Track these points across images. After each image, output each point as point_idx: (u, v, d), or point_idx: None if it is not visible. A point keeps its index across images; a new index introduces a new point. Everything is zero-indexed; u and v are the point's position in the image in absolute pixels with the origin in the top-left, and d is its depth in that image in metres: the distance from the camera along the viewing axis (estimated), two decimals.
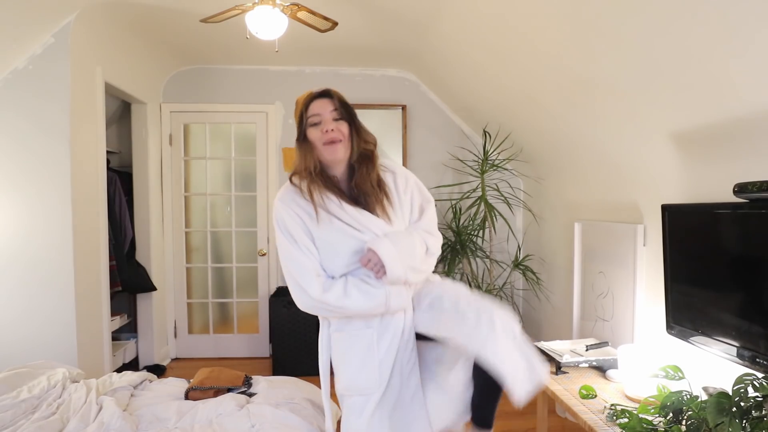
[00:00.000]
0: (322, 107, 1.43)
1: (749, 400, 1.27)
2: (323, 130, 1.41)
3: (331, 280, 1.44)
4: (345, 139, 1.43)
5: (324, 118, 1.42)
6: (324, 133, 1.41)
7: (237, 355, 4.09)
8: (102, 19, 2.82)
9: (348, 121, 1.45)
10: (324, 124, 1.42)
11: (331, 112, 1.43)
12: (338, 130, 1.42)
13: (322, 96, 1.45)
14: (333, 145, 1.42)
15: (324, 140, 1.41)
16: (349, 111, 1.46)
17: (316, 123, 1.43)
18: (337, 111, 1.43)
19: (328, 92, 1.46)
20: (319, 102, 1.44)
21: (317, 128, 1.42)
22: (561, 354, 2.13)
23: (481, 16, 2.57)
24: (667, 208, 1.94)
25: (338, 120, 1.43)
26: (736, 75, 1.57)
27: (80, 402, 2.03)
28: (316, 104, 1.44)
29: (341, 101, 1.45)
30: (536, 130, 3.22)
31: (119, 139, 4.01)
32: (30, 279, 2.66)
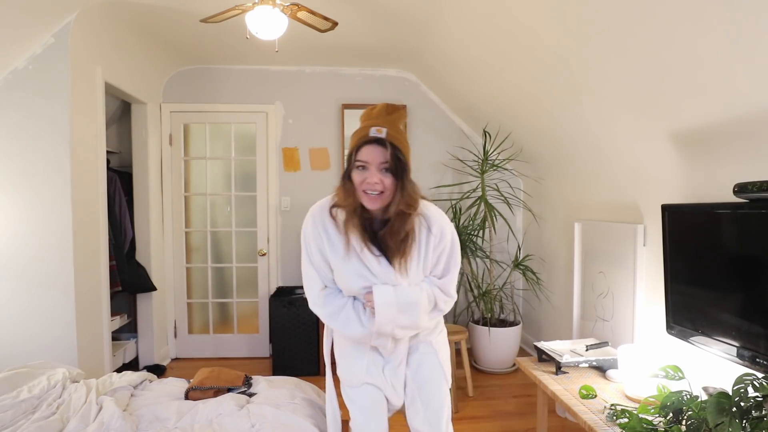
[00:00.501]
0: (373, 155, 1.35)
1: (749, 400, 1.27)
2: (366, 180, 1.36)
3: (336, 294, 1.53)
4: (387, 191, 1.37)
5: (371, 167, 1.36)
6: (366, 183, 1.36)
7: (237, 355, 4.09)
8: (102, 19, 2.82)
9: (395, 176, 1.37)
10: (369, 173, 1.36)
11: (381, 163, 1.35)
12: (382, 182, 1.36)
13: (376, 143, 1.35)
14: (372, 197, 1.38)
15: (364, 188, 1.37)
16: (401, 165, 1.36)
17: (362, 167, 1.37)
18: (387, 164, 1.35)
19: (384, 141, 1.34)
20: (371, 149, 1.35)
21: (362, 173, 1.37)
22: (561, 354, 2.13)
23: (481, 16, 2.57)
24: (667, 208, 1.94)
25: (386, 171, 1.36)
26: (736, 75, 1.57)
27: (80, 402, 2.03)
28: (367, 150, 1.36)
29: (395, 155, 1.35)
30: (536, 130, 3.22)
31: (119, 139, 4.01)
32: (30, 279, 2.66)
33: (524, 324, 4.09)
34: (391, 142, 1.34)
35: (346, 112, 4.04)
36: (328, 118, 4.07)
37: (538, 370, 2.16)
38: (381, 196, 1.37)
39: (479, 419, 2.92)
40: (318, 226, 1.48)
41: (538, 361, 2.27)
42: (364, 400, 1.57)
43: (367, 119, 1.41)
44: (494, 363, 3.66)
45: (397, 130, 1.38)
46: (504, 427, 2.83)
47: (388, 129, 1.34)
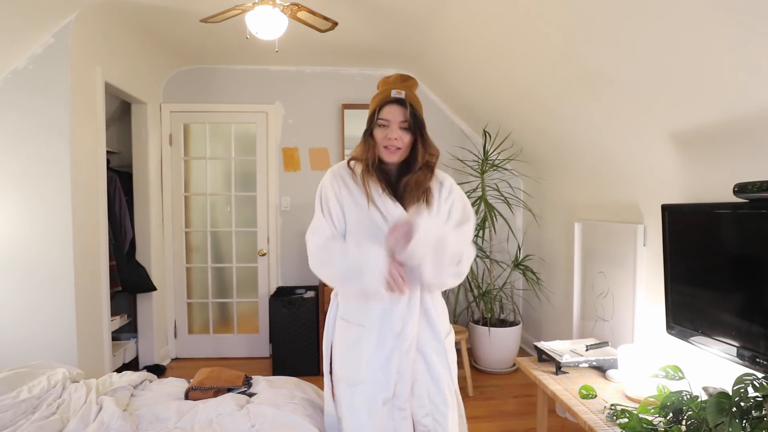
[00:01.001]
0: (393, 114, 1.50)
1: (749, 400, 1.27)
2: (388, 136, 1.50)
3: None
4: (405, 147, 1.52)
5: (392, 125, 1.50)
6: (387, 139, 1.50)
7: (237, 355, 4.09)
8: (102, 19, 2.82)
9: (414, 134, 1.52)
10: (390, 130, 1.50)
11: (400, 122, 1.50)
12: (401, 139, 1.50)
13: (396, 103, 1.50)
14: (392, 150, 1.51)
15: (385, 144, 1.51)
16: (418, 124, 1.52)
17: (383, 125, 1.51)
18: (406, 122, 1.50)
19: (404, 101, 1.50)
20: (392, 108, 1.50)
21: (383, 131, 1.51)
22: (561, 354, 2.13)
23: (481, 16, 2.57)
24: (667, 208, 1.94)
25: (405, 129, 1.51)
26: (736, 75, 1.57)
27: (80, 402, 2.03)
28: (388, 110, 1.51)
29: (413, 113, 1.51)
30: (536, 129, 3.22)
31: (119, 139, 4.01)
32: (30, 279, 2.66)
33: (524, 324, 4.09)
34: (410, 102, 1.51)
35: (346, 112, 4.04)
36: (328, 118, 4.07)
37: (538, 370, 2.16)
38: (399, 150, 1.52)
39: (479, 419, 2.92)
40: (337, 178, 1.59)
41: (538, 361, 2.27)
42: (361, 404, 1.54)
43: (384, 84, 1.56)
44: (494, 363, 3.66)
45: (414, 96, 1.55)
46: (504, 427, 2.83)
47: (406, 91, 1.51)
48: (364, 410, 1.54)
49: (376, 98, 1.55)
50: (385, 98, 1.51)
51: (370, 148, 1.54)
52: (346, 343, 1.59)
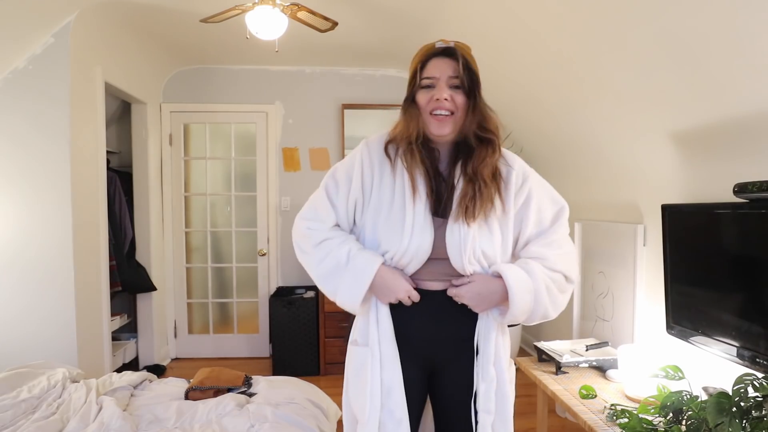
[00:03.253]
0: (440, 69, 1.15)
1: (749, 400, 1.27)
2: (434, 97, 1.15)
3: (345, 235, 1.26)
4: (459, 111, 1.16)
5: (439, 83, 1.15)
6: (434, 101, 1.15)
7: (237, 355, 4.09)
8: (102, 19, 2.82)
9: (467, 93, 1.16)
10: (438, 90, 1.15)
11: (450, 78, 1.15)
12: (452, 100, 1.15)
13: (445, 54, 1.16)
14: (441, 118, 1.15)
15: (432, 108, 1.15)
16: (473, 79, 1.17)
17: (428, 86, 1.16)
18: (458, 78, 1.15)
19: (454, 51, 1.16)
20: (439, 61, 1.16)
21: (428, 92, 1.16)
22: (561, 354, 2.13)
23: (481, 16, 2.57)
24: (667, 208, 1.94)
25: (456, 88, 1.16)
26: (737, 75, 1.57)
27: (80, 402, 2.03)
28: (435, 63, 1.16)
29: (467, 66, 1.16)
30: (536, 130, 3.22)
31: (119, 139, 4.01)
32: (30, 279, 2.66)
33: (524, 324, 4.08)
34: (463, 54, 1.16)
35: (346, 112, 4.03)
36: (328, 118, 4.07)
37: (538, 370, 2.16)
38: (452, 117, 1.15)
39: None
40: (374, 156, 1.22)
41: (538, 361, 2.27)
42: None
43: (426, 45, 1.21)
44: None
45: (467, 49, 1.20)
46: None
47: (455, 43, 1.18)
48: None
49: (418, 54, 1.20)
50: (430, 49, 1.17)
51: (413, 118, 1.17)
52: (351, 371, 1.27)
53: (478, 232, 1.18)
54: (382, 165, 1.22)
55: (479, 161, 1.17)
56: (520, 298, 1.16)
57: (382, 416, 1.19)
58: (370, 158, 1.22)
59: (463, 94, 1.15)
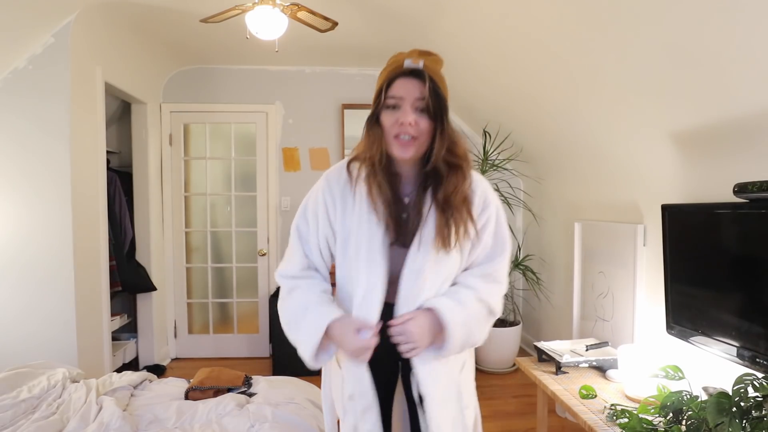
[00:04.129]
0: (407, 89, 1.10)
1: (749, 400, 1.27)
2: (398, 120, 1.10)
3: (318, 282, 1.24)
4: (422, 137, 1.12)
5: (405, 105, 1.10)
6: (399, 125, 1.10)
7: (237, 355, 4.09)
8: (102, 19, 2.82)
9: (433, 118, 1.12)
10: (403, 113, 1.10)
11: (416, 99, 1.10)
12: (416, 125, 1.10)
13: (412, 75, 1.11)
14: (404, 142, 1.11)
15: (395, 132, 1.11)
16: (440, 104, 1.12)
17: (393, 106, 1.12)
18: (423, 100, 1.10)
19: (422, 73, 1.10)
20: (406, 82, 1.10)
21: (393, 114, 1.11)
22: (561, 354, 2.13)
23: (482, 16, 2.57)
24: (667, 208, 1.94)
25: (422, 111, 1.11)
26: (737, 75, 1.57)
27: (80, 402, 2.03)
28: (401, 83, 1.11)
29: (434, 90, 1.11)
30: (536, 129, 3.22)
31: (119, 139, 4.01)
32: (30, 279, 2.66)
33: (524, 324, 4.09)
34: (431, 75, 1.10)
35: (346, 112, 4.03)
36: (328, 118, 4.07)
37: (538, 370, 2.16)
38: (414, 142, 1.11)
39: None
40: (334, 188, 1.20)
41: (538, 361, 2.27)
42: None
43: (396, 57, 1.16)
44: (494, 363, 3.66)
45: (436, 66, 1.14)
46: (504, 427, 2.83)
47: (425, 61, 1.11)
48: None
49: (384, 71, 1.15)
50: (396, 69, 1.11)
51: (377, 139, 1.13)
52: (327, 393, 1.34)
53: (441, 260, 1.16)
54: (344, 195, 1.19)
55: (451, 188, 1.13)
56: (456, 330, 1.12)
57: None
58: (330, 192, 1.20)
59: (428, 119, 1.11)
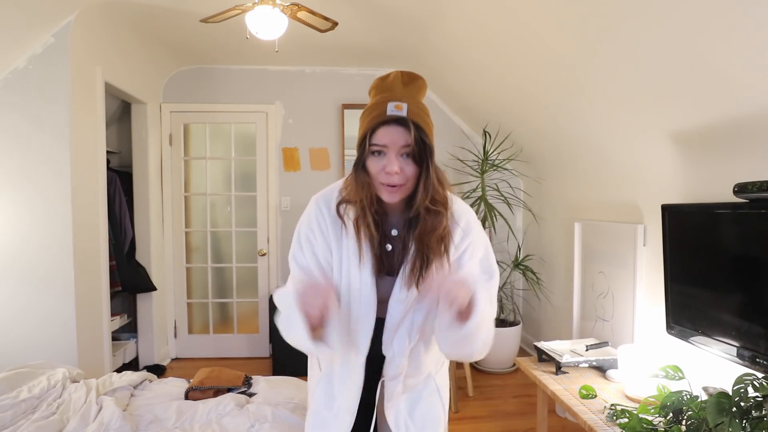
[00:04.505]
0: (391, 137, 1.08)
1: (749, 400, 1.27)
2: (385, 168, 1.08)
3: None
4: (409, 182, 1.11)
5: (390, 152, 1.08)
6: (385, 173, 1.09)
7: (237, 355, 4.09)
8: (102, 19, 2.82)
9: (419, 164, 1.10)
10: (389, 161, 1.08)
11: (401, 147, 1.08)
12: (402, 172, 1.09)
13: (396, 123, 1.08)
14: (391, 189, 1.11)
15: (382, 179, 1.10)
16: (426, 150, 1.09)
17: (378, 152, 1.10)
18: (409, 147, 1.08)
19: (405, 121, 1.07)
20: (390, 130, 1.08)
21: (379, 161, 1.10)
22: (561, 354, 2.13)
23: (482, 16, 2.57)
24: (667, 208, 1.94)
25: (408, 155, 1.09)
26: (737, 75, 1.57)
27: (80, 402, 2.03)
28: (386, 131, 1.08)
29: (419, 137, 1.08)
30: (536, 129, 3.22)
31: (119, 139, 4.01)
32: (30, 279, 2.66)
33: (524, 324, 4.09)
34: (415, 121, 1.07)
35: (346, 112, 4.04)
36: (328, 118, 4.07)
37: (538, 370, 2.16)
38: (401, 187, 1.11)
39: (479, 419, 2.92)
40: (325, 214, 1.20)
41: (538, 361, 2.27)
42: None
43: (380, 89, 1.14)
44: (494, 363, 3.66)
45: (419, 105, 1.11)
46: (504, 427, 2.83)
47: (408, 104, 1.08)
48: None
49: (367, 114, 1.11)
50: (379, 115, 1.08)
51: (365, 186, 1.12)
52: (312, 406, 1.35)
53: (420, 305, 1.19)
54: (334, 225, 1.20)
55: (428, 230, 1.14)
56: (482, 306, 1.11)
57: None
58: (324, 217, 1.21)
59: (414, 164, 1.10)
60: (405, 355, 1.22)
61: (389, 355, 1.22)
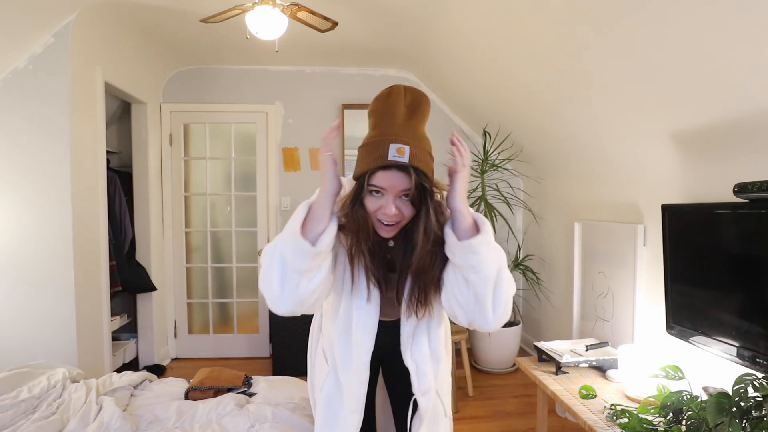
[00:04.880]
0: (391, 182, 1.05)
1: (749, 400, 1.27)
2: (383, 210, 1.08)
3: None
4: (404, 219, 1.11)
5: (388, 194, 1.07)
6: (382, 213, 1.08)
7: (237, 355, 4.09)
8: (102, 19, 2.82)
9: (417, 206, 1.09)
10: (387, 203, 1.07)
11: (401, 191, 1.07)
12: (400, 212, 1.08)
13: (398, 169, 1.04)
14: (387, 227, 1.11)
15: (379, 217, 1.10)
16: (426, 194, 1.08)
17: (377, 192, 1.08)
18: (408, 191, 1.07)
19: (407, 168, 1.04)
20: (390, 175, 1.05)
21: (377, 201, 1.08)
22: (561, 354, 2.13)
23: (481, 16, 2.57)
24: (667, 208, 1.94)
25: (405, 196, 1.08)
26: (737, 75, 1.57)
27: (80, 402, 2.03)
28: (385, 176, 1.05)
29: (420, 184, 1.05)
30: (536, 129, 3.22)
31: (119, 139, 4.01)
32: (30, 279, 2.66)
33: (524, 324, 4.09)
34: (416, 166, 1.04)
35: (346, 112, 4.03)
36: (328, 118, 4.07)
37: (538, 370, 2.16)
38: (397, 225, 1.12)
39: (479, 419, 2.92)
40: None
41: (538, 361, 2.27)
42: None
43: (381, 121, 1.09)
44: (494, 363, 3.66)
45: (421, 144, 1.08)
46: (504, 427, 2.83)
47: (411, 147, 1.04)
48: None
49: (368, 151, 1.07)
50: (379, 159, 1.04)
51: (362, 223, 1.10)
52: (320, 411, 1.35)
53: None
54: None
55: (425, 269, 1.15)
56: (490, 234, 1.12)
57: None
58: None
59: (411, 207, 1.09)
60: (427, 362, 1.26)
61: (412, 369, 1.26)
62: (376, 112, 1.12)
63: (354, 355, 1.24)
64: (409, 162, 1.03)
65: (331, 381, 1.31)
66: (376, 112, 1.12)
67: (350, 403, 1.27)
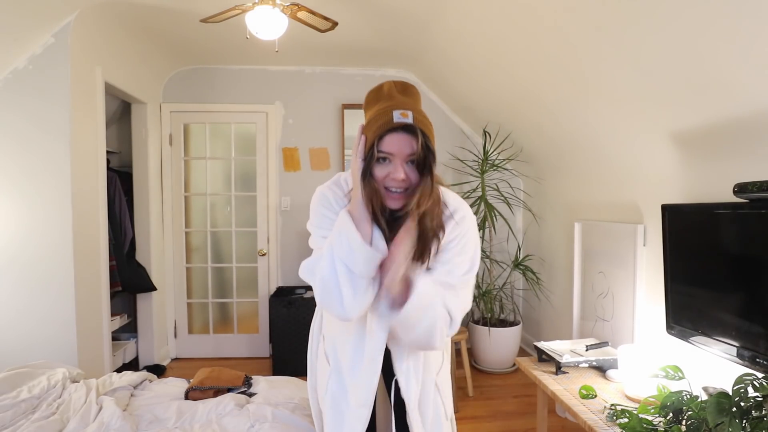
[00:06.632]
0: (399, 146, 1.09)
1: (749, 400, 1.27)
2: (391, 175, 1.11)
3: None
4: (412, 187, 1.13)
5: (396, 159, 1.10)
6: (390, 179, 1.11)
7: (237, 355, 4.09)
8: (102, 19, 2.82)
9: (422, 172, 1.12)
10: (395, 168, 1.10)
11: (408, 155, 1.10)
12: (408, 179, 1.11)
13: (403, 130, 1.09)
14: (396, 195, 1.13)
15: (387, 185, 1.12)
16: (431, 157, 1.11)
17: (384, 159, 1.11)
18: (414, 155, 1.10)
19: (413, 128, 1.09)
20: (397, 137, 1.09)
21: (385, 168, 1.11)
22: (561, 354, 2.13)
23: (481, 16, 2.57)
24: (667, 208, 1.94)
25: (411, 163, 1.12)
26: (737, 75, 1.57)
27: (80, 402, 2.03)
28: (393, 139, 1.09)
29: (426, 144, 1.10)
30: (536, 129, 3.22)
31: (119, 139, 4.01)
32: (30, 279, 2.66)
33: (524, 324, 4.09)
34: (421, 128, 1.09)
35: (346, 112, 4.04)
36: (328, 118, 4.07)
37: (538, 370, 2.16)
38: (405, 193, 1.13)
39: (479, 419, 2.92)
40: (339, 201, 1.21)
41: (538, 361, 2.27)
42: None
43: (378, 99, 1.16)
44: (494, 363, 3.66)
45: (421, 113, 1.13)
46: (504, 427, 2.83)
47: (413, 112, 1.10)
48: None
49: (373, 122, 1.11)
50: (386, 123, 1.09)
51: (374, 194, 1.12)
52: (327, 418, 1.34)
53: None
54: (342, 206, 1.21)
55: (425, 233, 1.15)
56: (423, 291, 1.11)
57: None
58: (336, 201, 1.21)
59: (417, 171, 1.12)
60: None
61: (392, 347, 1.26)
62: (372, 99, 1.19)
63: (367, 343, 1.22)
64: (413, 122, 1.09)
65: (335, 381, 1.31)
66: (372, 99, 1.18)
67: (357, 399, 1.27)
